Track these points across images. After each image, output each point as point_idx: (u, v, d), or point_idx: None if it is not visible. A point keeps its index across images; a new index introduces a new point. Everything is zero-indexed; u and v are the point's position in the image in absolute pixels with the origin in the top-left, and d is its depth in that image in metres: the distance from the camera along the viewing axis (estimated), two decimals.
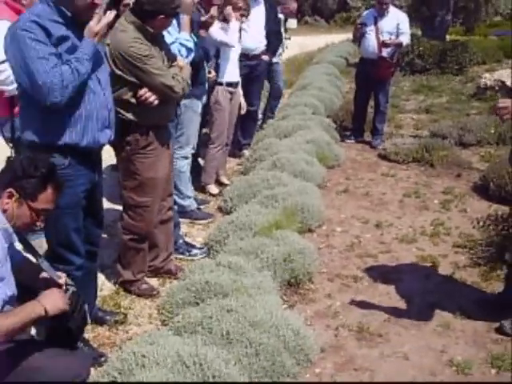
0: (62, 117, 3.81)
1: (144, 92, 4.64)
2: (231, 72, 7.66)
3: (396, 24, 10.08)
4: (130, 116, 4.74)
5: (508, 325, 4.71)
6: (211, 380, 3.49)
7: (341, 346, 4.55)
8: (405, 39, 10.20)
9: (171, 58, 4.96)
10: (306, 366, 4.19)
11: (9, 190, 3.29)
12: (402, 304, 5.18)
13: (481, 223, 6.41)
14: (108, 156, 5.01)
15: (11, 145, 5.25)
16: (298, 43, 19.15)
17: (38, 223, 3.44)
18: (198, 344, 3.84)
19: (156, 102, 4.71)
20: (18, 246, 3.48)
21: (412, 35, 22.16)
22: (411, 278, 5.65)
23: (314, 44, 28.26)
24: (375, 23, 10.06)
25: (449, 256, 6.11)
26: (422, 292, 5.37)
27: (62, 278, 3.46)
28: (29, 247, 3.53)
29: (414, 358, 4.40)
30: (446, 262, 5.97)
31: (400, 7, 27.46)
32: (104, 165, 4.46)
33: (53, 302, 3.25)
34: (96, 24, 3.87)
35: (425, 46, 19.77)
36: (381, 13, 10.06)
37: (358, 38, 10.44)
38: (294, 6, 11.45)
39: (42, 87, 3.62)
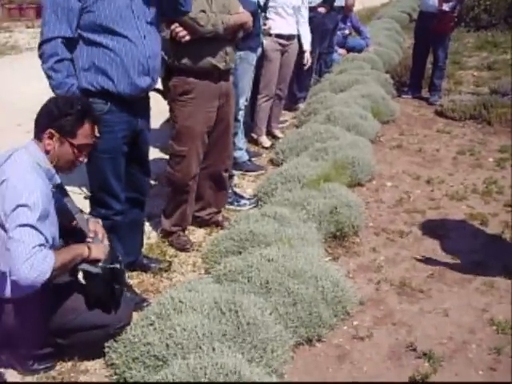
0: (98, 63, 3.83)
1: (174, 27, 4.54)
2: (281, 24, 7.58)
3: None
4: (168, 59, 4.72)
5: None
6: (245, 327, 3.52)
7: (381, 299, 4.54)
8: None
9: (228, 5, 4.83)
10: (343, 318, 4.20)
11: (48, 130, 3.36)
12: (446, 261, 5.13)
13: None
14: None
15: None
16: None
17: (80, 159, 3.52)
18: (236, 292, 3.89)
19: (187, 37, 4.58)
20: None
21: None
22: (458, 236, 5.59)
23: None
24: None
25: (499, 215, 6.02)
26: (469, 250, 5.30)
27: (92, 234, 3.59)
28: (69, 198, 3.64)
29: (454, 316, 4.37)
30: (496, 221, 5.88)
31: None
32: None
33: (97, 248, 3.42)
34: None
35: None
36: None
37: None
38: None
39: None
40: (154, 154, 5.21)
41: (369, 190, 6.55)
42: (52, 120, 3.39)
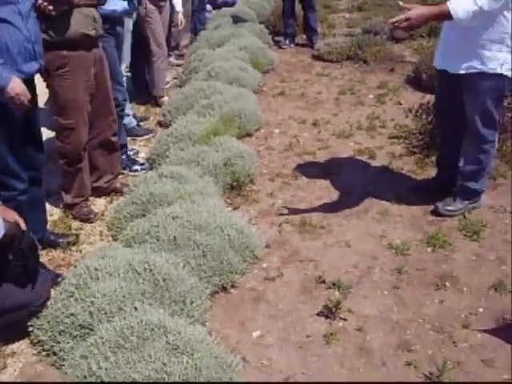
0: None
1: (41, 2, 4.42)
2: None
3: None
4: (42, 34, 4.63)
5: (441, 206, 4.95)
6: (162, 283, 3.64)
7: (285, 240, 4.74)
8: None
9: None
10: (252, 262, 4.38)
11: None
12: (341, 196, 5.37)
13: (413, 113, 6.59)
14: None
15: None
16: None
17: None
18: (147, 252, 3.99)
19: (53, 11, 4.50)
20: None
21: None
22: (349, 172, 5.83)
23: None
24: None
25: (385, 147, 6.31)
26: (361, 183, 5.57)
27: None
28: None
29: (356, 245, 4.62)
30: (383, 153, 6.16)
31: None
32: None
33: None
34: None
35: None
36: None
37: None
38: None
39: None
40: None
41: (258, 139, 6.70)
42: None
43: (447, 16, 4.28)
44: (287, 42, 10.79)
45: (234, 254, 4.22)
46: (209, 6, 12.16)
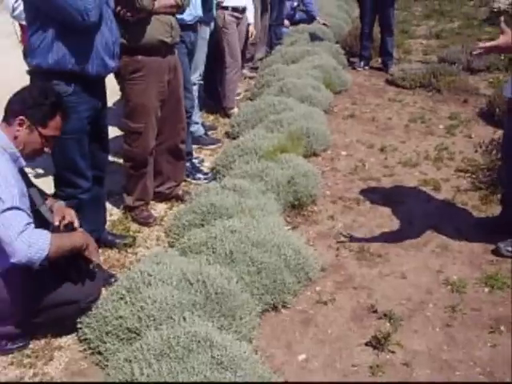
0: (70, 43, 3.89)
1: (120, 7, 4.57)
2: None
3: None
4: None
5: (504, 246, 4.84)
6: (213, 296, 3.64)
7: (341, 265, 4.70)
8: None
9: None
10: (306, 284, 4.35)
11: (20, 117, 3.42)
12: (402, 226, 5.30)
13: (483, 148, 6.49)
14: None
15: None
16: None
17: (45, 149, 3.60)
18: (202, 263, 4.00)
19: (132, 18, 4.64)
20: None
21: None
22: (412, 201, 5.76)
23: None
24: None
25: (451, 180, 6.21)
26: (423, 215, 5.48)
27: (58, 220, 3.66)
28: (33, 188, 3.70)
29: (412, 277, 4.55)
30: (448, 186, 6.07)
31: None
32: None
33: (93, 249, 3.62)
34: None
35: None
36: None
37: None
38: None
39: (74, 7, 3.72)
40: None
41: (324, 160, 6.68)
42: (25, 108, 3.45)
43: None
44: (362, 64, 10.77)
45: (289, 274, 4.20)
46: (286, 21, 12.19)
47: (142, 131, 5.09)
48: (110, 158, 5.78)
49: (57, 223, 3.63)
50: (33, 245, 3.19)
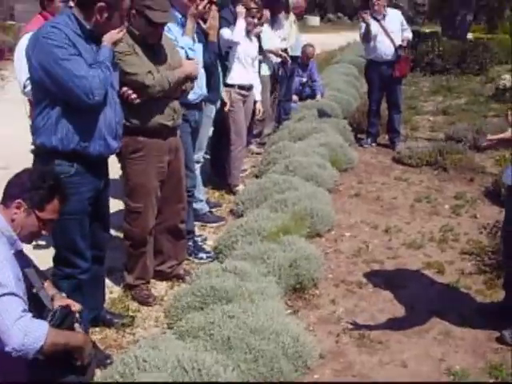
0: (74, 124, 3.96)
1: (125, 90, 4.66)
2: (243, 75, 7.79)
3: (400, 22, 10.29)
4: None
5: (508, 334, 4.76)
6: None
7: (341, 352, 4.63)
8: (410, 34, 10.39)
9: (172, 62, 5.00)
10: (304, 372, 4.28)
11: (17, 201, 3.43)
12: (404, 311, 5.24)
13: (488, 230, 6.47)
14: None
15: None
16: (319, 42, 19.13)
17: (43, 232, 3.59)
18: (198, 349, 3.96)
19: (137, 100, 4.74)
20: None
21: (433, 34, 22.28)
22: (416, 285, 5.71)
23: (335, 43, 28.23)
24: (380, 24, 10.17)
25: (455, 263, 6.17)
26: (426, 299, 5.43)
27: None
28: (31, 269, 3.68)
29: (413, 366, 4.47)
30: (452, 269, 6.02)
31: (422, 5, 27.49)
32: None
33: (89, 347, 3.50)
34: (118, 33, 4.11)
35: (445, 45, 19.79)
36: (380, 12, 10.20)
37: (367, 36, 10.28)
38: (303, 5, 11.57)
39: (80, 88, 3.82)
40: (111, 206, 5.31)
41: (328, 241, 6.65)
42: (23, 191, 3.45)
43: None
44: (369, 141, 10.83)
45: (287, 363, 4.14)
46: (295, 97, 12.33)
47: (142, 211, 5.11)
48: (113, 233, 5.81)
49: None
50: (29, 334, 3.13)
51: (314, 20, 49.14)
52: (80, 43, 3.93)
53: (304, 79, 12.67)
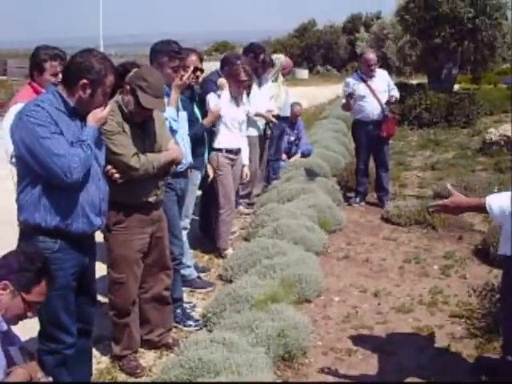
0: (57, 201, 3.99)
1: (110, 168, 4.69)
2: (230, 139, 7.84)
3: (387, 82, 10.45)
4: None
5: None
6: None
7: None
8: (397, 93, 10.48)
9: (160, 141, 5.08)
10: None
11: (3, 282, 3.43)
12: (394, 380, 5.19)
13: (477, 292, 6.45)
14: None
15: None
16: (307, 95, 19.33)
17: (28, 314, 3.58)
18: None
19: (120, 180, 4.78)
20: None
21: (420, 86, 22.58)
22: (406, 351, 5.65)
23: (324, 95, 28.51)
24: (367, 85, 10.29)
25: (445, 326, 6.13)
26: (415, 366, 5.37)
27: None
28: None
29: None
30: (443, 333, 5.99)
31: (409, 56, 27.86)
32: None
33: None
34: (101, 111, 4.15)
35: (432, 99, 20.05)
36: (370, 75, 10.31)
37: (351, 107, 10.45)
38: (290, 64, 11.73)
39: (59, 166, 3.86)
40: (101, 271, 5.32)
41: (317, 307, 6.61)
42: (10, 272, 3.46)
43: (484, 211, 4.36)
44: (357, 200, 10.87)
45: None
46: (284, 155, 12.41)
47: (124, 281, 5.13)
48: (102, 300, 5.79)
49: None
50: None
51: (303, 73, 49.85)
52: (63, 120, 3.98)
53: (292, 137, 12.78)
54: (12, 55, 44.40)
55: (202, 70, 6.97)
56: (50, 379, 3.73)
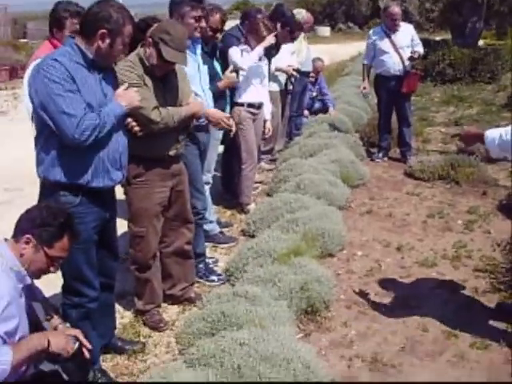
0: (76, 157, 3.95)
1: (130, 121, 4.62)
2: (252, 93, 7.75)
3: (411, 37, 10.22)
4: None
5: None
6: None
7: (353, 377, 4.58)
8: (421, 49, 10.31)
9: (181, 95, 5.04)
10: None
11: (26, 236, 3.42)
12: (417, 333, 5.17)
13: (501, 247, 6.40)
14: None
15: None
16: (329, 52, 19.13)
17: (51, 269, 3.58)
18: (208, 378, 3.92)
19: (140, 132, 4.73)
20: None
21: (443, 42, 22.20)
22: (429, 306, 5.62)
23: (346, 53, 28.24)
24: (390, 40, 10.13)
25: (469, 281, 6.09)
26: (439, 320, 5.34)
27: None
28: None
29: None
30: (466, 287, 5.95)
31: (431, 11, 27.38)
32: None
33: (58, 340, 3.42)
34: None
35: (456, 54, 19.70)
36: (394, 29, 10.12)
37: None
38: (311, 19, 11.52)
39: (66, 125, 3.82)
40: (123, 227, 5.32)
41: (340, 261, 6.59)
42: (33, 227, 3.45)
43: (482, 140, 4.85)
44: (380, 155, 10.78)
45: None
46: (306, 111, 12.31)
47: (144, 235, 5.12)
48: (124, 257, 5.80)
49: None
50: None
51: (325, 30, 49.29)
52: (81, 75, 3.93)
53: (314, 93, 12.65)
54: (31, 18, 44.23)
55: (222, 31, 6.95)
56: (78, 331, 3.72)
